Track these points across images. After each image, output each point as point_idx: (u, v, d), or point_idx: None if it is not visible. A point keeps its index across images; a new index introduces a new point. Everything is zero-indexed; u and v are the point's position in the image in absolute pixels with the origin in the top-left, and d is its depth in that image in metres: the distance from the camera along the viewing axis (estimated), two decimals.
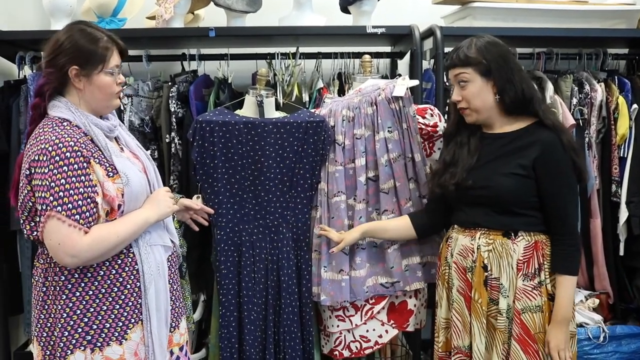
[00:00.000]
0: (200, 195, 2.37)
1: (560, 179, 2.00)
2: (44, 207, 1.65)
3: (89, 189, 1.69)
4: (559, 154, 2.00)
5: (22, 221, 1.75)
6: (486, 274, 2.05)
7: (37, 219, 1.69)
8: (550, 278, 2.02)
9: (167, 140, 2.71)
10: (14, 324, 3.08)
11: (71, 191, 1.66)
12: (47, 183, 1.65)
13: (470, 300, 2.08)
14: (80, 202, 1.66)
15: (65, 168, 1.66)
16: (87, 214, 1.68)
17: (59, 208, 1.64)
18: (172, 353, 1.91)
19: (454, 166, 2.12)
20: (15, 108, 2.76)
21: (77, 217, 1.66)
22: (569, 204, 2.02)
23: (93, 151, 1.73)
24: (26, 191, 1.70)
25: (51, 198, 1.64)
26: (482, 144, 2.11)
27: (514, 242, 2.02)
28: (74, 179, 1.66)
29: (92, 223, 1.69)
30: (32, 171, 1.67)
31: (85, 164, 1.69)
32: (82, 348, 1.71)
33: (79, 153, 1.68)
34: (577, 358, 2.12)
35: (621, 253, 2.89)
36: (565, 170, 2.01)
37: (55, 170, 1.65)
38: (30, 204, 1.71)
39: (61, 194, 1.65)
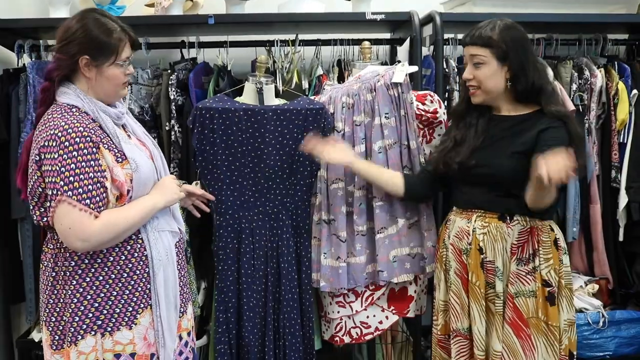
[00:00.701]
0: (199, 182, 2.37)
1: (556, 147, 1.80)
2: (55, 192, 1.66)
3: (99, 173, 1.69)
4: (562, 132, 1.98)
5: (31, 207, 1.76)
6: (482, 256, 2.05)
7: (47, 205, 1.70)
8: (545, 265, 2.02)
9: (167, 128, 2.71)
10: (15, 312, 3.10)
11: (81, 176, 1.66)
12: (57, 168, 1.65)
13: (467, 283, 2.09)
14: (90, 187, 1.67)
15: (75, 153, 1.66)
16: (97, 198, 1.69)
17: (70, 193, 1.65)
18: (180, 338, 1.93)
19: (461, 145, 2.13)
20: (14, 96, 2.75)
21: (88, 201, 1.67)
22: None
23: (102, 137, 1.74)
24: (36, 177, 1.71)
25: (62, 183, 1.65)
26: (489, 126, 2.11)
27: (509, 226, 2.03)
28: (83, 163, 1.67)
29: (102, 207, 1.70)
30: (42, 157, 1.68)
31: (94, 149, 1.70)
32: (93, 333, 1.73)
33: (88, 138, 1.69)
34: (576, 343, 2.13)
35: (621, 238, 2.90)
36: (564, 147, 1.82)
37: (65, 156, 1.65)
38: (40, 189, 1.71)
39: (71, 178, 1.65)
